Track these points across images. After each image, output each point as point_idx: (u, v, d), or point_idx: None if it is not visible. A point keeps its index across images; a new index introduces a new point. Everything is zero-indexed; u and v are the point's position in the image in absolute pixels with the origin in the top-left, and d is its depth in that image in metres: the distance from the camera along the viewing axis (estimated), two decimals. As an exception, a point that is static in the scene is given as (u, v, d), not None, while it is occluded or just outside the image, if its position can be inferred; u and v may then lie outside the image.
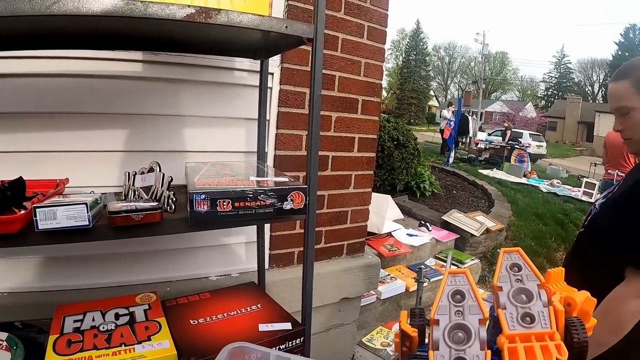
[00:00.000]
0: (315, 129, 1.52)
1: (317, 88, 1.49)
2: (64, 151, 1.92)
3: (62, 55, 1.81)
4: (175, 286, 2.20)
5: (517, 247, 0.88)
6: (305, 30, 1.45)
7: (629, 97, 1.51)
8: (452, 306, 0.80)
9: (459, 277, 0.84)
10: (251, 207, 1.34)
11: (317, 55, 1.47)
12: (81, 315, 1.61)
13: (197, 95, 2.16)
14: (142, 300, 1.76)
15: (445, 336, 0.76)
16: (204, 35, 1.59)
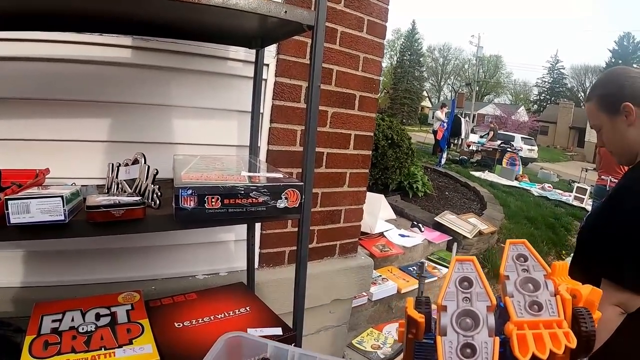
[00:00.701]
0: (313, 123, 1.43)
1: (316, 80, 1.40)
2: (45, 140, 1.82)
3: (45, 39, 1.71)
4: (161, 285, 2.10)
5: (523, 239, 0.88)
6: (305, 17, 1.35)
7: (596, 115, 1.66)
8: (460, 292, 0.80)
9: (466, 264, 0.84)
10: (242, 205, 1.24)
11: (317, 45, 1.38)
12: (60, 315, 1.51)
13: (188, 85, 2.06)
14: (125, 300, 1.66)
15: (453, 322, 0.76)
16: (196, 19, 1.50)
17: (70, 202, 1.18)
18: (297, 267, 1.56)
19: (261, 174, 1.45)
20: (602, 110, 1.63)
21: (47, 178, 1.56)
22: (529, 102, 71.16)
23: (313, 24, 1.37)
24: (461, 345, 0.73)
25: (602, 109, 1.63)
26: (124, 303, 1.64)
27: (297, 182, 1.35)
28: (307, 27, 1.38)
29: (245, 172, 1.43)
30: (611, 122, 1.61)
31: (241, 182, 1.26)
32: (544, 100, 69.36)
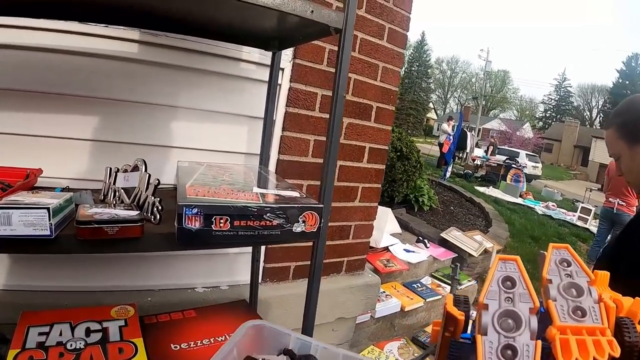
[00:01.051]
0: (335, 137, 1.30)
1: (341, 89, 1.28)
2: (39, 136, 1.70)
3: (45, 27, 1.60)
4: (158, 296, 1.98)
5: (566, 244, 0.85)
6: (333, 19, 1.23)
7: (615, 143, 1.60)
8: (502, 292, 0.76)
9: (509, 263, 0.81)
10: (254, 228, 1.11)
11: (344, 51, 1.26)
12: (47, 327, 1.38)
13: (197, 85, 1.94)
14: (118, 315, 1.53)
15: (494, 321, 0.72)
16: (211, 14, 1.37)
17: (59, 213, 1.05)
18: (309, 292, 1.49)
19: (275, 191, 1.31)
20: (621, 138, 1.58)
21: (39, 178, 1.45)
22: (534, 118, 71.15)
23: (341, 27, 1.25)
24: (502, 347, 0.70)
25: (621, 136, 1.58)
26: (116, 318, 1.51)
27: (316, 204, 1.21)
28: (334, 30, 1.25)
29: (258, 188, 1.29)
30: (630, 151, 1.56)
31: (254, 202, 1.13)
32: (549, 117, 69.40)
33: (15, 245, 0.97)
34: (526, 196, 13.22)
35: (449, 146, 13.89)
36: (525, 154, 24.11)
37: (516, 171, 15.22)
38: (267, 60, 1.93)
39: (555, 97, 70.38)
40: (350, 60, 2.23)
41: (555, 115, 67.86)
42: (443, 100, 73.86)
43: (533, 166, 22.95)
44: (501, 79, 71.52)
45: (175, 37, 1.81)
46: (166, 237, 1.12)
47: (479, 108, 46.13)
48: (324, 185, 1.33)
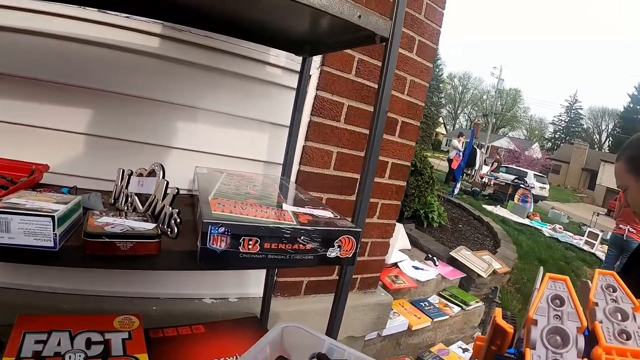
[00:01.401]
0: (375, 154, 1.20)
1: (384, 103, 1.18)
2: (47, 128, 1.61)
3: (62, 13, 1.51)
4: (163, 305, 1.88)
5: (611, 271, 0.86)
6: (380, 26, 1.14)
7: (623, 175, 1.67)
8: (551, 309, 0.77)
9: (558, 283, 0.82)
10: (285, 251, 1.00)
11: (390, 63, 1.17)
12: (45, 335, 1.28)
13: (219, 87, 1.85)
14: (122, 326, 1.44)
15: (543, 337, 0.73)
16: (244, 11, 1.29)
17: (65, 221, 0.93)
18: (332, 319, 1.41)
19: (307, 209, 1.20)
20: (629, 171, 1.65)
21: (45, 175, 1.37)
22: (543, 139, 71.07)
23: (387, 35, 1.15)
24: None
25: (629, 169, 1.65)
26: (120, 329, 1.42)
27: (354, 228, 1.10)
28: (379, 38, 1.16)
29: (288, 205, 1.19)
30: (637, 183, 1.63)
31: (287, 223, 1.02)
32: (558, 138, 69.36)
33: (13, 255, 0.86)
34: (533, 217, 13.11)
35: (458, 162, 13.81)
36: (533, 174, 24.02)
37: (524, 191, 15.10)
38: (294, 66, 1.85)
39: (566, 118, 70.36)
40: (379, 70, 2.17)
41: (565, 137, 67.82)
42: (453, 116, 73.80)
43: (540, 187, 22.85)
44: (512, 97, 71.44)
45: (199, 33, 1.72)
46: (185, 255, 1.01)
47: (488, 125, 46.07)
48: (359, 206, 1.23)
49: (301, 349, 1.01)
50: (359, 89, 2.18)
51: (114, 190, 1.38)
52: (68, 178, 1.59)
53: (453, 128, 65.55)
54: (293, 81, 1.84)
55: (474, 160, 16.23)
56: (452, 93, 72.15)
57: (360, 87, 2.19)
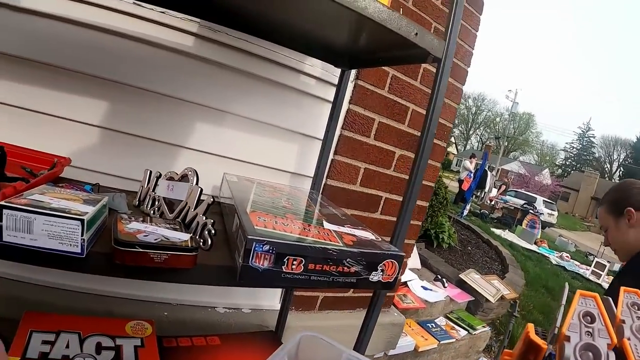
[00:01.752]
0: (419, 177, 1.16)
1: (432, 127, 1.14)
2: (72, 120, 1.57)
3: (99, 3, 1.49)
4: (175, 312, 1.83)
5: (636, 289, 0.86)
6: (435, 46, 1.09)
7: (605, 217, 2.03)
8: (583, 326, 0.78)
9: (589, 300, 0.83)
10: (329, 273, 0.95)
11: (441, 83, 1.12)
12: (53, 335, 1.23)
13: (251, 92, 1.81)
14: (134, 332, 1.38)
15: (576, 353, 0.73)
16: (292, 18, 1.25)
17: (93, 225, 0.86)
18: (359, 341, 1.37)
19: (349, 229, 1.15)
20: (609, 213, 1.99)
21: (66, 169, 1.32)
22: (554, 165, 70.80)
23: (441, 56, 1.11)
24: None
25: (609, 212, 1.99)
26: (132, 335, 1.36)
27: (398, 252, 1.05)
28: (432, 58, 1.11)
29: (329, 224, 1.14)
30: (615, 223, 1.95)
31: (333, 244, 0.97)
32: (569, 165, 69.12)
33: (33, 257, 0.79)
34: (541, 244, 13.00)
35: (469, 184, 13.73)
36: (542, 200, 23.88)
37: (533, 217, 15.00)
38: (329, 77, 1.81)
39: (578, 145, 70.14)
40: (411, 89, 2.15)
41: (575, 165, 67.63)
42: (465, 136, 73.61)
43: (549, 213, 22.72)
44: (525, 121, 71.20)
45: (235, 35, 1.68)
46: (222, 270, 0.96)
47: (500, 148, 45.93)
48: (400, 228, 1.19)
49: (320, 359, 0.99)
50: (390, 106, 2.14)
51: (139, 191, 1.32)
52: (88, 173, 1.55)
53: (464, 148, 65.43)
54: (326, 92, 1.80)
55: (484, 183, 16.16)
56: (465, 113, 72.03)
57: (392, 104, 2.15)
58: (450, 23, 1.13)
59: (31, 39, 1.46)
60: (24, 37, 1.45)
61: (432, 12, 2.18)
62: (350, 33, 1.24)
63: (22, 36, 1.44)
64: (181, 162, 1.71)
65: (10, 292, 1.56)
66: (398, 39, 1.07)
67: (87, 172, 1.56)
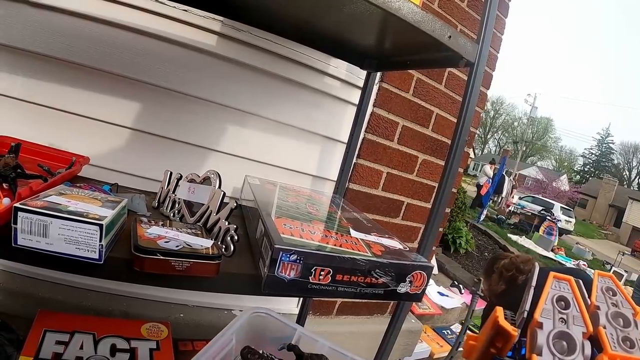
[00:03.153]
0: (449, 186, 1.12)
1: (464, 134, 1.10)
2: (92, 118, 1.55)
3: (124, 1, 1.47)
4: (191, 313, 1.81)
5: (610, 274, 0.84)
6: (468, 50, 1.06)
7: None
8: (557, 312, 0.74)
9: (563, 283, 0.80)
10: (357, 284, 0.91)
11: (474, 88, 1.08)
12: (67, 336, 1.21)
13: (274, 93, 1.78)
14: (150, 334, 1.36)
15: (549, 342, 0.69)
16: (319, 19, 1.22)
17: (112, 229, 0.83)
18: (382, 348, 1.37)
19: (376, 238, 1.11)
20: None
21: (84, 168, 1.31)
22: (572, 171, 70.11)
23: (474, 60, 1.07)
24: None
25: None
26: (148, 338, 1.34)
27: (427, 263, 1.02)
28: (465, 62, 1.08)
29: (355, 232, 1.10)
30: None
31: (362, 255, 0.93)
32: (587, 172, 68.38)
33: (49, 261, 0.76)
34: (558, 251, 12.87)
35: (487, 189, 13.63)
36: (560, 206, 23.64)
37: (550, 223, 14.85)
38: (354, 79, 1.78)
39: (596, 152, 69.39)
40: (436, 92, 2.11)
41: (594, 171, 66.89)
42: (482, 140, 73.18)
43: (566, 220, 22.48)
44: (544, 126, 70.58)
45: (259, 35, 1.66)
46: (246, 279, 0.93)
47: (518, 153, 45.60)
48: (428, 237, 1.15)
49: (271, 338, 0.98)
50: (414, 109, 2.11)
51: (158, 192, 1.30)
52: (107, 172, 1.54)
53: (482, 152, 65.12)
54: (350, 95, 1.76)
55: (501, 188, 16.04)
56: (483, 117, 71.52)
57: (417, 108, 2.11)
58: (483, 25, 1.10)
59: (54, 37, 1.44)
60: (46, 35, 1.43)
61: (457, 14, 2.14)
62: (379, 34, 1.21)
63: (45, 33, 1.43)
64: (201, 162, 1.69)
65: (24, 289, 1.56)
66: (430, 41, 1.04)
67: (105, 170, 1.54)
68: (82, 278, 1.63)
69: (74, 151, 1.33)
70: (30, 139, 1.28)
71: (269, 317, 0.97)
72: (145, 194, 1.31)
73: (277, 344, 0.98)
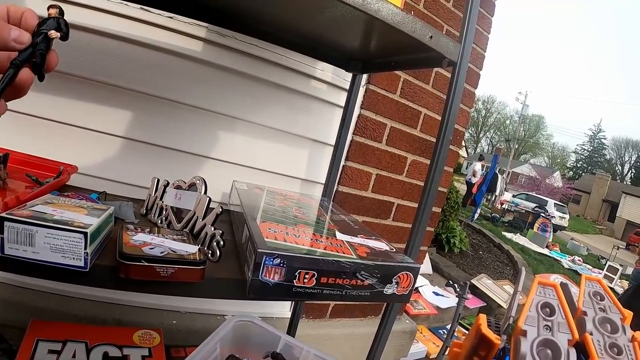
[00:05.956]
0: (434, 186, 1.12)
1: (448, 133, 1.10)
2: (79, 126, 1.55)
3: (106, 9, 1.47)
4: (183, 320, 1.80)
5: (598, 277, 0.83)
6: (450, 49, 1.06)
7: None
8: (541, 319, 0.73)
9: (548, 289, 0.79)
10: (342, 286, 0.91)
11: (457, 88, 1.08)
12: (60, 345, 1.21)
13: (261, 98, 1.78)
14: (142, 341, 1.36)
15: (533, 351, 0.68)
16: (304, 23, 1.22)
17: (97, 237, 0.83)
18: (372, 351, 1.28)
19: (362, 240, 1.12)
20: None
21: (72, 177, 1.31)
22: (565, 167, 70.41)
23: (456, 60, 1.07)
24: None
25: None
26: (140, 345, 1.34)
27: (413, 264, 1.02)
28: (447, 62, 1.08)
29: (341, 234, 1.11)
30: None
31: (347, 257, 0.93)
32: (580, 168, 68.71)
33: (35, 270, 0.77)
34: (553, 247, 12.88)
35: (478, 186, 13.66)
36: (553, 203, 23.76)
37: (544, 220, 14.90)
38: (340, 82, 1.78)
39: (589, 147, 69.73)
40: (423, 93, 2.11)
41: (587, 167, 67.24)
42: (475, 139, 73.30)
43: (560, 216, 22.58)
44: (535, 123, 70.81)
45: (244, 40, 1.66)
46: (231, 284, 0.93)
47: (510, 151, 45.73)
48: (415, 237, 1.15)
49: (256, 346, 0.99)
50: (402, 110, 2.11)
51: (146, 199, 1.30)
52: (95, 180, 1.53)
53: (474, 151, 65.14)
54: (337, 98, 1.76)
55: (494, 186, 16.07)
56: (474, 116, 71.69)
57: (404, 109, 2.12)
58: (465, 25, 1.10)
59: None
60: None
61: (443, 15, 2.15)
62: (362, 37, 1.21)
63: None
64: (189, 169, 1.68)
65: (16, 299, 1.54)
66: (412, 42, 1.04)
67: (94, 179, 1.54)
68: (74, 287, 1.63)
69: (62, 160, 1.33)
70: (18, 149, 1.27)
71: (253, 325, 1.00)
72: (133, 202, 1.31)
73: (262, 351, 1.00)
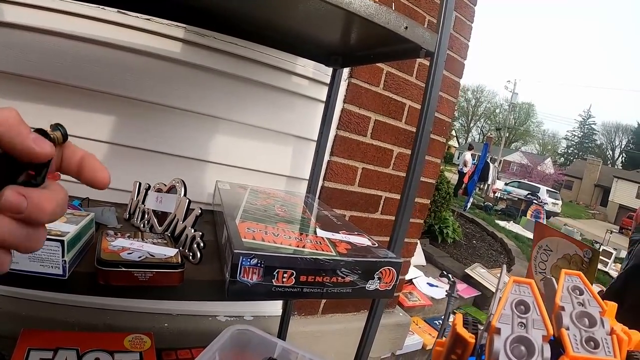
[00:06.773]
0: (417, 175, 1.12)
1: (428, 123, 1.10)
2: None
3: (80, 13, 1.45)
4: (175, 322, 1.79)
5: (578, 272, 0.79)
6: (427, 40, 1.05)
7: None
8: (516, 316, 0.71)
9: (523, 287, 0.76)
10: (322, 284, 0.90)
11: (435, 78, 1.08)
12: (51, 353, 1.20)
13: (242, 96, 1.76)
14: (133, 346, 1.34)
15: (507, 347, 0.66)
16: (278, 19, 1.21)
17: (76, 244, 0.83)
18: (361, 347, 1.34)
19: (343, 236, 1.11)
20: None
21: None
22: (556, 154, 70.77)
23: (433, 50, 1.06)
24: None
25: None
26: (130, 350, 1.33)
27: (395, 259, 1.00)
28: (425, 53, 1.07)
29: (322, 230, 1.10)
30: None
31: (326, 254, 0.92)
32: (571, 154, 69.09)
33: (15, 280, 0.76)
34: (546, 234, 12.92)
35: (469, 176, 13.69)
36: (546, 189, 23.86)
37: (537, 207, 14.98)
38: (322, 77, 1.77)
39: (579, 133, 70.10)
40: (407, 85, 2.10)
41: (578, 152, 67.61)
42: (466, 129, 73.45)
43: (553, 203, 22.70)
44: (526, 111, 71.04)
45: (223, 39, 1.64)
46: (210, 286, 0.92)
47: (501, 139, 45.88)
48: (398, 230, 1.15)
49: (253, 353, 1.00)
50: (386, 103, 2.10)
51: (129, 204, 1.29)
52: (78, 186, 1.51)
53: (465, 141, 65.24)
54: (319, 93, 1.75)
55: (486, 175, 16.12)
56: (464, 106, 71.85)
57: (388, 101, 2.11)
58: (442, 14, 1.09)
59: (14, 53, 1.42)
60: (5, 52, 1.41)
61: (425, 5, 2.14)
62: (338, 30, 1.20)
63: (3, 50, 1.41)
64: (174, 171, 1.67)
65: (7, 309, 1.53)
66: (387, 34, 1.03)
67: (76, 185, 1.51)
68: (63, 294, 1.62)
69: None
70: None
71: (251, 333, 0.99)
72: (117, 206, 1.30)
73: (259, 358, 1.00)
